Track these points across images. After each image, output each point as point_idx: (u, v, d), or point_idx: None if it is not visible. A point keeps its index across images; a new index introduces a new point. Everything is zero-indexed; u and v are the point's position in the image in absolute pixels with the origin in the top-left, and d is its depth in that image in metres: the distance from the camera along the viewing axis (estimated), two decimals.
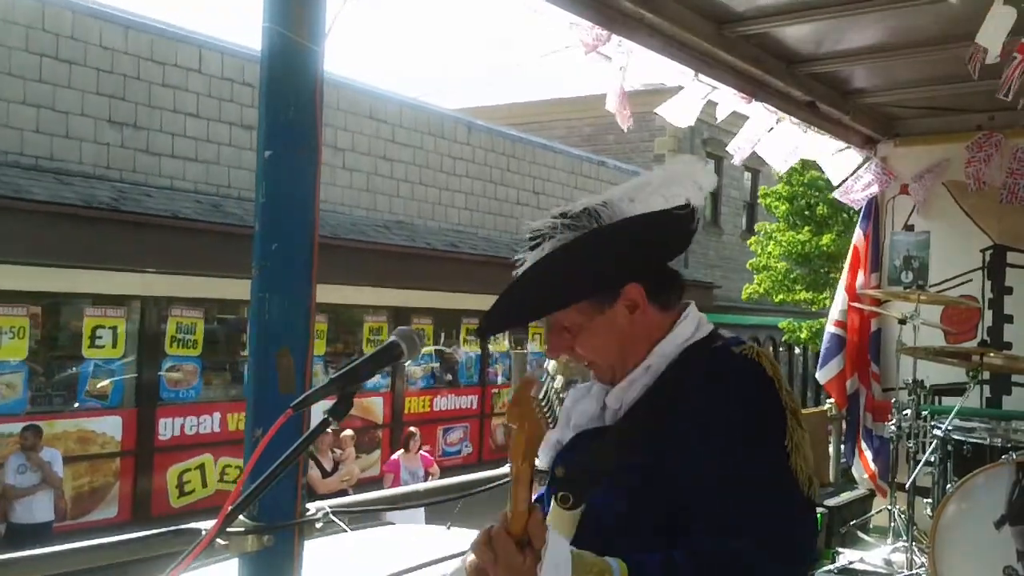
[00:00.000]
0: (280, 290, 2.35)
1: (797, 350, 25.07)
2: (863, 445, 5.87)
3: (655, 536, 1.53)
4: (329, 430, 8.64)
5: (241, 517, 2.14)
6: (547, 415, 1.46)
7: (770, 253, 18.79)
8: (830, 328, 6.01)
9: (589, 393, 1.76)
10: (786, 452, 1.54)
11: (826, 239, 17.88)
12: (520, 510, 1.36)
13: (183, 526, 2.27)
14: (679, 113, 4.86)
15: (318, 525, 2.36)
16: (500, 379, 16.74)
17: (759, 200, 20.06)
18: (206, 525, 2.17)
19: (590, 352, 1.68)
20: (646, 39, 4.06)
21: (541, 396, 1.52)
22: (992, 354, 4.72)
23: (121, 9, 11.43)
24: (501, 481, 3.04)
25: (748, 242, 19.91)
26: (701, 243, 22.00)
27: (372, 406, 14.34)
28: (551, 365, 1.75)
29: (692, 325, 1.69)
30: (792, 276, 18.50)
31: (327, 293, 11.47)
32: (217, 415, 11.70)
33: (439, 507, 2.82)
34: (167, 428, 11.13)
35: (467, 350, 16.38)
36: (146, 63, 11.25)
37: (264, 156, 2.36)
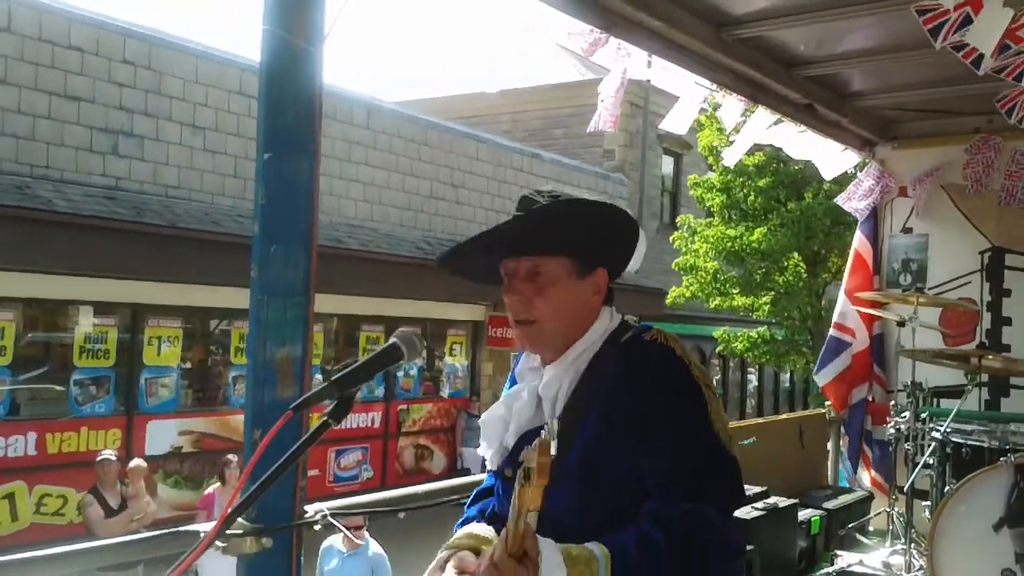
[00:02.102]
0: (279, 292, 2.36)
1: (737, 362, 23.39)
2: (865, 448, 5.87)
3: (607, 525, 1.67)
4: (113, 458, 8.32)
5: (240, 519, 2.14)
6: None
7: (696, 251, 16.64)
8: (831, 331, 6.00)
9: (521, 395, 1.89)
10: (710, 420, 1.73)
11: (757, 234, 15.76)
12: (518, 531, 1.51)
13: (182, 528, 2.27)
14: (678, 121, 4.87)
15: (316, 527, 2.37)
16: (412, 392, 15.32)
17: (690, 192, 17.70)
18: (205, 527, 2.17)
19: (550, 307, 1.81)
20: (644, 42, 4.07)
21: None
22: (990, 356, 4.72)
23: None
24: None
25: (671, 238, 17.55)
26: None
27: (243, 425, 13.13)
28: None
29: (607, 318, 1.88)
30: (723, 278, 16.43)
31: (189, 293, 11.17)
32: (32, 435, 10.19)
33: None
34: None
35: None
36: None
37: (263, 158, 2.36)
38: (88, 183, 10.41)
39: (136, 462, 8.87)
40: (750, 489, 4.33)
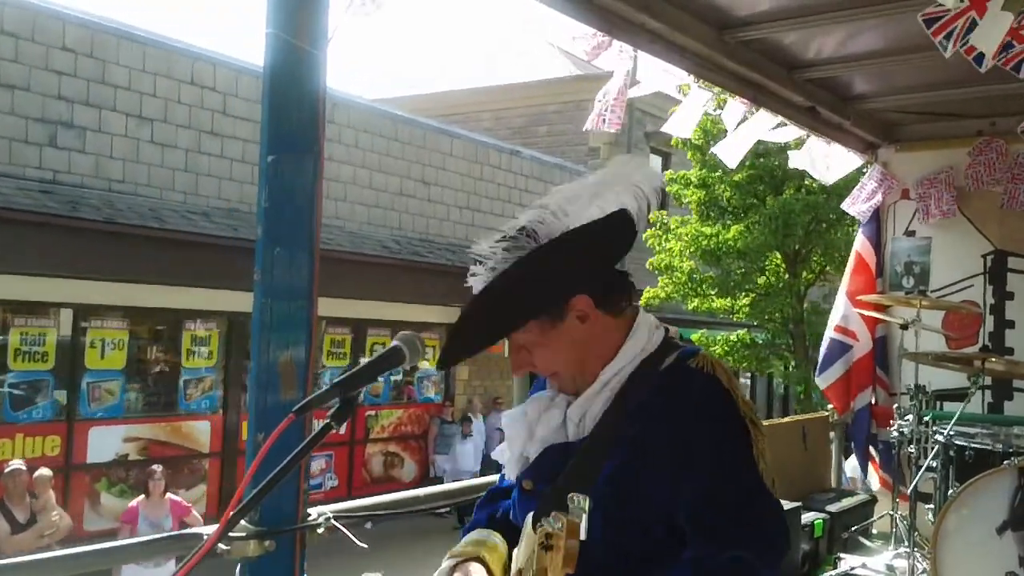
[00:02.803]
0: (282, 295, 2.36)
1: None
2: (871, 451, 5.86)
3: (634, 556, 1.59)
4: (23, 469, 7.81)
5: (243, 522, 2.14)
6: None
7: (671, 250, 15.64)
8: (830, 333, 5.99)
9: (552, 403, 1.78)
10: (755, 458, 1.61)
11: (734, 232, 14.91)
12: None
13: (185, 531, 2.27)
14: (682, 124, 4.86)
15: (320, 531, 2.36)
16: (381, 398, 14.69)
17: (666, 188, 16.57)
18: (208, 530, 2.17)
19: (550, 366, 1.73)
20: (647, 45, 4.07)
21: None
22: (994, 359, 4.71)
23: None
24: None
25: (644, 236, 16.01)
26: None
27: (194, 431, 12.03)
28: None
29: (644, 335, 1.73)
30: (699, 278, 15.54)
31: (136, 293, 10.55)
32: None
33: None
34: None
35: (332, 364, 13.76)
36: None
37: (267, 161, 2.36)
38: (22, 176, 9.84)
39: (41, 472, 8.28)
40: None
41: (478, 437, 14.61)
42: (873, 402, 5.84)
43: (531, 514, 1.63)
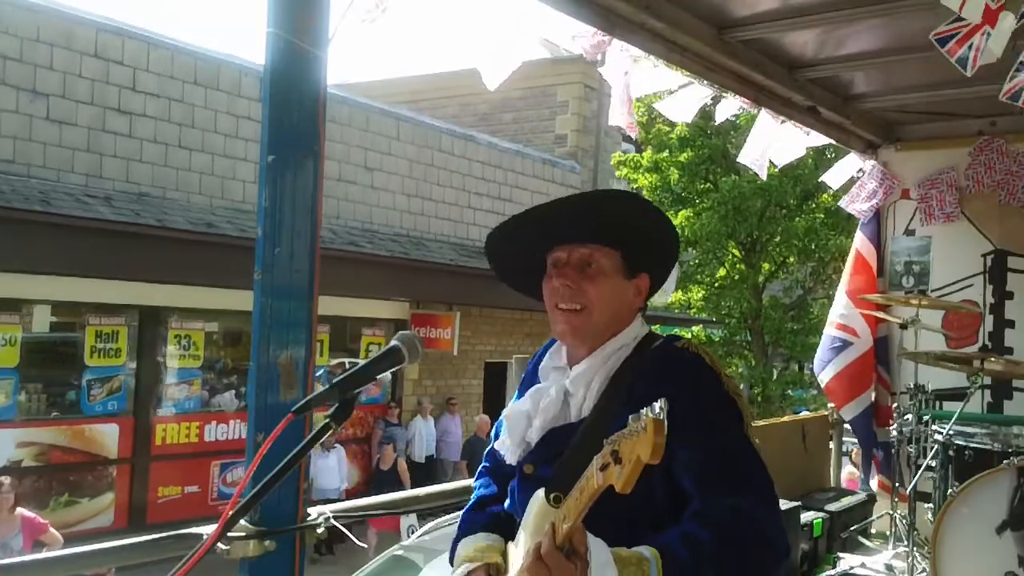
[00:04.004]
0: (282, 294, 2.36)
1: None
2: (873, 452, 5.85)
3: (639, 524, 1.68)
4: None
5: (242, 522, 2.14)
6: None
7: None
8: (830, 331, 5.96)
9: (549, 391, 1.89)
10: (744, 424, 1.79)
11: (681, 218, 14.09)
12: (567, 527, 1.48)
13: (184, 531, 2.27)
14: (680, 109, 4.83)
15: (319, 530, 2.37)
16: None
17: (616, 172, 15.71)
18: (208, 530, 2.17)
19: (597, 296, 1.84)
20: (647, 44, 4.07)
21: None
22: (993, 359, 4.71)
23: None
24: None
25: None
26: None
27: (100, 435, 10.88)
28: None
29: (640, 322, 1.94)
30: None
31: (29, 285, 9.62)
32: None
33: None
34: None
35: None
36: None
37: (267, 160, 2.36)
38: None
39: None
40: None
41: (342, 451, 12.29)
42: (873, 400, 5.82)
43: (542, 489, 1.74)
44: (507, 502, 1.99)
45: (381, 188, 14.08)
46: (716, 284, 14.83)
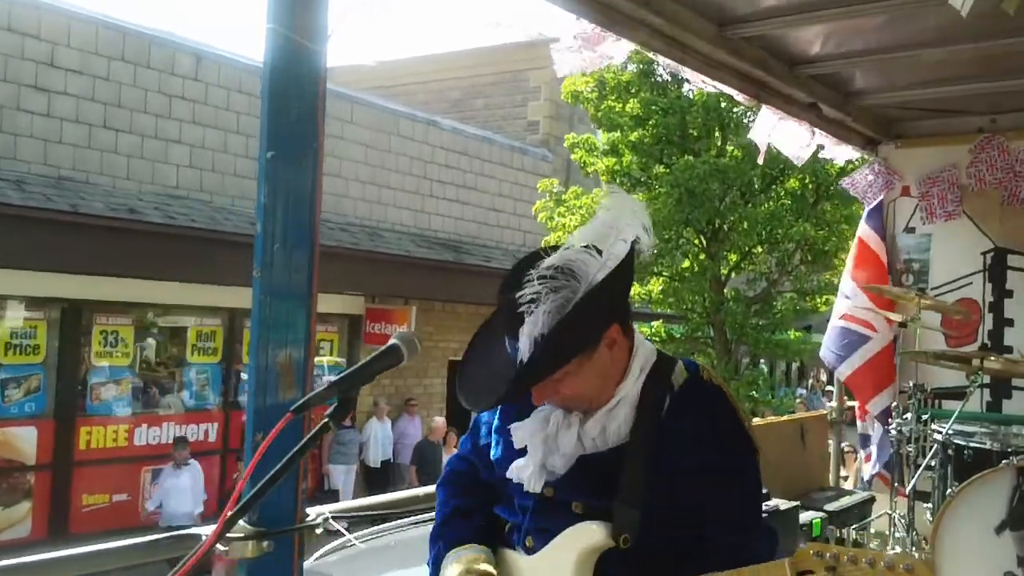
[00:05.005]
0: (281, 292, 2.34)
1: None
2: (871, 448, 5.82)
3: (660, 553, 1.76)
4: None
5: (241, 522, 2.12)
6: None
7: (565, 226, 13.21)
8: (840, 322, 5.79)
9: (567, 418, 1.84)
10: (759, 473, 1.85)
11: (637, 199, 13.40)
12: None
13: (183, 531, 2.25)
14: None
15: (318, 531, 2.35)
16: None
17: (572, 156, 14.38)
18: (206, 531, 2.16)
19: (576, 392, 1.80)
20: (647, 40, 4.05)
21: None
22: (992, 358, 4.70)
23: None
24: None
25: (534, 209, 14.36)
26: None
27: (16, 439, 10.07)
28: None
29: (645, 350, 1.88)
30: None
31: None
32: None
33: None
34: None
35: (199, 360, 11.93)
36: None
37: (266, 157, 2.35)
38: None
39: None
40: None
41: (195, 470, 10.53)
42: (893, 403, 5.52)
43: (597, 523, 1.77)
44: (511, 511, 1.94)
45: (332, 174, 12.87)
46: (675, 276, 13.82)
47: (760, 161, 5.41)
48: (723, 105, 12.76)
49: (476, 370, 1.84)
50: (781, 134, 5.18)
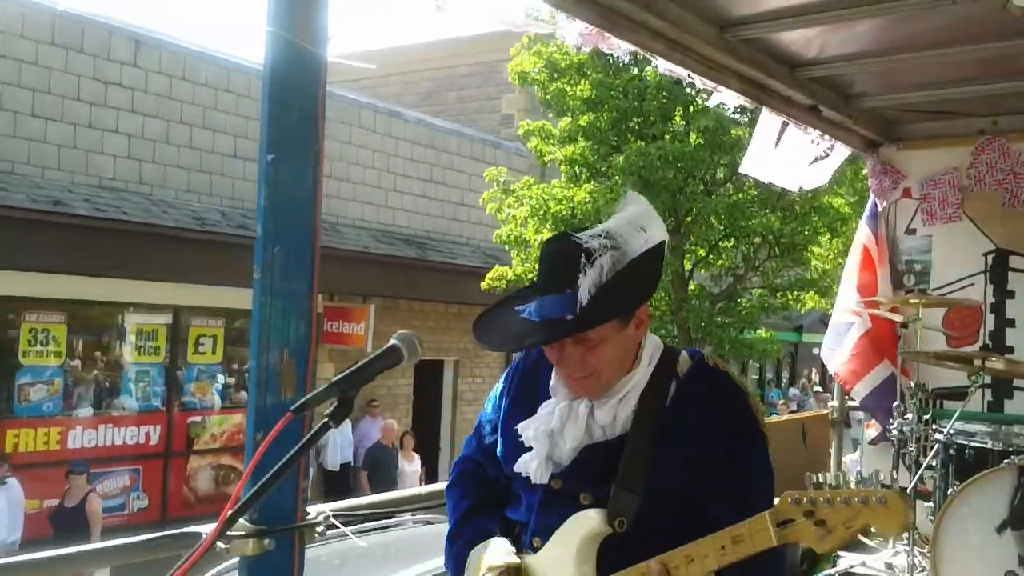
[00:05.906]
0: (281, 294, 2.36)
1: None
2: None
3: (672, 535, 1.76)
4: None
5: (242, 521, 2.14)
6: None
7: (515, 218, 12.57)
8: (837, 319, 5.85)
9: (572, 409, 1.89)
10: (770, 462, 1.90)
11: (583, 193, 11.87)
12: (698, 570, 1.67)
13: (183, 530, 2.27)
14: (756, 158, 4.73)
15: (319, 529, 2.36)
16: (207, 402, 12.09)
17: (528, 145, 13.46)
18: (207, 529, 2.17)
19: (604, 363, 1.85)
20: (648, 43, 4.06)
21: None
22: (994, 358, 4.70)
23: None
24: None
25: (481, 200, 13.64)
26: None
27: None
28: None
29: (653, 341, 1.96)
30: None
31: None
32: None
33: None
34: None
35: (141, 360, 11.29)
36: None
37: (267, 160, 2.36)
38: None
39: None
40: None
41: (15, 487, 9.02)
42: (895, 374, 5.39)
43: (594, 511, 1.81)
44: (519, 511, 1.97)
45: None
46: None
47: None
48: (683, 85, 11.47)
49: (497, 320, 1.94)
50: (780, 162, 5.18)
